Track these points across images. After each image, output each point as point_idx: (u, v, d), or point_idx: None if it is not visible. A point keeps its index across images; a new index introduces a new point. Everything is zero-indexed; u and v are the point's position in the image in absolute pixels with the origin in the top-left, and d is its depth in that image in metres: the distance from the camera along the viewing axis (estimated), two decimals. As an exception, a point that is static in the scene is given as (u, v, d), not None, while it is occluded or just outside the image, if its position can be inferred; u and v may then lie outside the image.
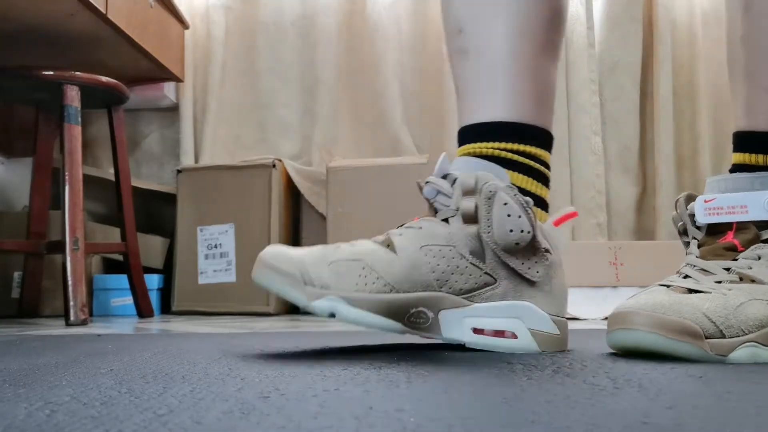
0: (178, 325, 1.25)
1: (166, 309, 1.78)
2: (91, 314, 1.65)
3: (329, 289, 0.58)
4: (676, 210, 0.67)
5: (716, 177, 0.65)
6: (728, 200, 0.61)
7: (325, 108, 1.93)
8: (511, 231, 0.60)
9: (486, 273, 0.61)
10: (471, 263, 0.61)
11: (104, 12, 1.36)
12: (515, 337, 0.61)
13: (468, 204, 0.61)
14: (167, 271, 1.81)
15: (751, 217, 0.61)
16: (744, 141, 0.68)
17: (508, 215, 0.60)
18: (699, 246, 0.63)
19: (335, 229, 1.63)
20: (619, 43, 1.93)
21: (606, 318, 1.41)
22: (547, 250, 0.63)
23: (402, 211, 1.57)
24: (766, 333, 0.55)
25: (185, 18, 1.83)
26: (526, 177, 0.67)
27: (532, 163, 0.67)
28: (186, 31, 1.89)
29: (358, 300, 0.57)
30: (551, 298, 0.63)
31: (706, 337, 0.53)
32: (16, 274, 1.67)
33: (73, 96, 1.35)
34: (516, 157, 0.66)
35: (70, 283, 1.28)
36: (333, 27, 1.94)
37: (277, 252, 0.59)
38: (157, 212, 1.96)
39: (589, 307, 1.43)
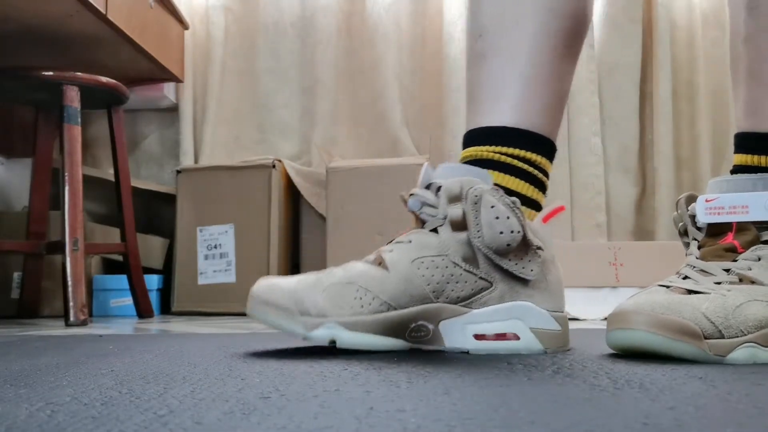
0: (178, 325, 1.25)
1: (165, 309, 1.78)
2: (90, 315, 1.65)
3: (326, 317, 0.57)
4: (677, 210, 0.67)
5: (719, 178, 0.64)
6: (730, 200, 0.61)
7: (325, 108, 1.93)
8: (501, 233, 0.59)
9: (481, 278, 0.61)
10: (465, 270, 0.61)
11: (104, 12, 1.36)
12: (517, 338, 0.61)
13: (456, 211, 0.60)
14: (167, 271, 1.81)
15: (752, 217, 0.60)
16: (747, 142, 0.67)
17: (497, 217, 0.59)
18: (699, 247, 0.63)
19: (335, 229, 1.63)
20: (619, 43, 1.93)
21: (606, 318, 1.41)
22: (539, 248, 0.63)
23: (402, 212, 1.57)
24: (765, 334, 0.55)
25: (185, 18, 1.83)
26: (512, 177, 0.66)
27: (526, 167, 0.67)
28: (186, 32, 1.89)
29: (356, 323, 0.57)
30: (548, 294, 0.63)
31: (705, 338, 0.53)
32: (16, 275, 1.67)
33: (72, 96, 1.35)
34: (504, 158, 0.66)
35: (69, 283, 1.28)
36: (332, 28, 1.94)
37: (269, 285, 0.59)
38: (156, 213, 1.96)
39: (589, 308, 1.43)
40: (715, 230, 0.62)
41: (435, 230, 0.62)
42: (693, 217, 0.64)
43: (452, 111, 1.88)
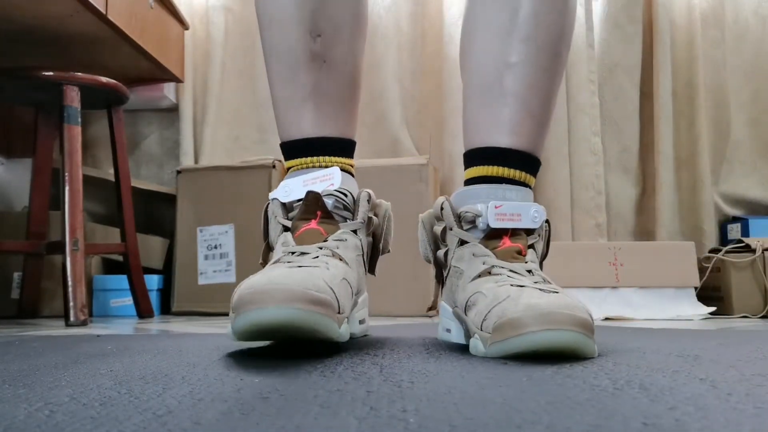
0: (178, 325, 1.24)
1: (165, 309, 1.78)
2: (90, 315, 1.65)
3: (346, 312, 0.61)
4: (441, 212, 0.71)
5: (461, 189, 0.72)
6: (511, 208, 0.67)
7: (325, 108, 1.93)
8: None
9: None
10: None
11: (104, 12, 1.36)
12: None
13: (368, 216, 0.73)
14: (167, 271, 1.81)
15: (523, 225, 0.67)
16: (481, 156, 0.72)
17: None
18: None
19: (335, 229, 1.62)
20: (619, 43, 1.93)
21: (606, 318, 1.40)
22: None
23: (401, 212, 1.57)
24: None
25: (185, 19, 1.83)
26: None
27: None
28: (186, 32, 1.89)
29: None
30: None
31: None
32: (16, 275, 1.67)
33: (72, 96, 1.35)
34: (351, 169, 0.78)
35: (69, 283, 1.28)
36: (333, 27, 1.93)
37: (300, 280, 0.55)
38: (157, 213, 1.96)
39: (589, 308, 1.42)
40: (494, 234, 0.67)
41: (355, 231, 0.70)
42: (459, 217, 0.69)
43: (452, 111, 1.88)
